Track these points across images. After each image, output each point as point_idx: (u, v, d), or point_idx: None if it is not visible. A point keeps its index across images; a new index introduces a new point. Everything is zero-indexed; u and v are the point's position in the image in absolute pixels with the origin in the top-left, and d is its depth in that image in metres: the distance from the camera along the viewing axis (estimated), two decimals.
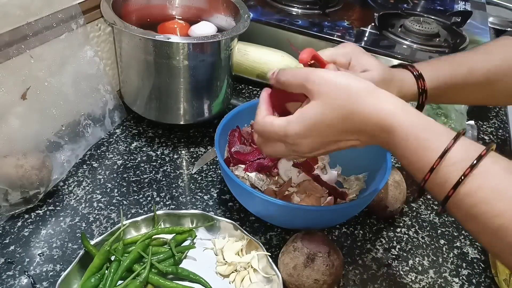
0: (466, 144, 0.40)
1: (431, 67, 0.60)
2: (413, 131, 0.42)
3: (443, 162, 0.40)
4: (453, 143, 0.40)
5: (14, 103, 0.62)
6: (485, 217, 0.37)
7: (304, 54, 0.49)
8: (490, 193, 0.37)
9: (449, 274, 0.63)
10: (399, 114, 0.42)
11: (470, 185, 0.38)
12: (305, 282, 0.54)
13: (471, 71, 0.60)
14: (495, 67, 0.60)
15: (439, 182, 0.40)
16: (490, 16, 1.22)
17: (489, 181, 0.38)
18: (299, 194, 0.64)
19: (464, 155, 0.39)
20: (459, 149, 0.40)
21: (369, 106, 0.43)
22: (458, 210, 0.40)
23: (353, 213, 0.65)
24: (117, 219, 0.65)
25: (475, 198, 0.38)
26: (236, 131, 0.69)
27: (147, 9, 0.85)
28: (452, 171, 0.39)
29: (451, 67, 0.60)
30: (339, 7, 1.11)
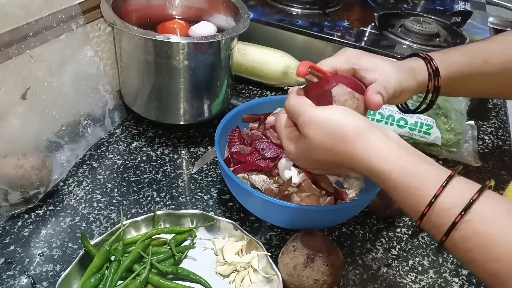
0: (458, 187, 0.39)
1: (444, 56, 0.58)
2: (403, 179, 0.41)
3: (433, 210, 0.39)
4: (442, 190, 0.39)
5: (14, 103, 0.62)
6: (481, 262, 0.37)
7: (301, 67, 0.49)
8: (485, 239, 0.36)
9: (449, 274, 0.63)
10: (389, 161, 0.42)
11: (465, 231, 0.37)
12: (305, 282, 0.54)
13: (486, 61, 0.58)
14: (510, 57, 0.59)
15: (432, 227, 0.40)
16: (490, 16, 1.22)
17: (482, 227, 0.37)
18: (299, 194, 0.63)
19: (454, 201, 0.38)
20: (450, 194, 0.39)
21: (358, 151, 0.43)
22: (455, 253, 0.40)
23: (353, 213, 0.65)
24: (117, 219, 0.65)
25: (471, 244, 0.37)
26: (236, 131, 0.69)
27: (147, 9, 0.85)
28: (442, 217, 0.38)
29: (466, 57, 0.59)
30: (339, 7, 1.11)
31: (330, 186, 0.64)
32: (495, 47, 0.60)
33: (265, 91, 0.97)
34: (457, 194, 0.39)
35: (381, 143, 0.43)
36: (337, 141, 0.44)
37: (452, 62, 0.57)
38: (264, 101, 0.73)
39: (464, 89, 0.62)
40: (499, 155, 0.85)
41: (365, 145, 0.43)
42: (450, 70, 0.57)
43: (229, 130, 0.69)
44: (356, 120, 0.45)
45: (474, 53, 0.59)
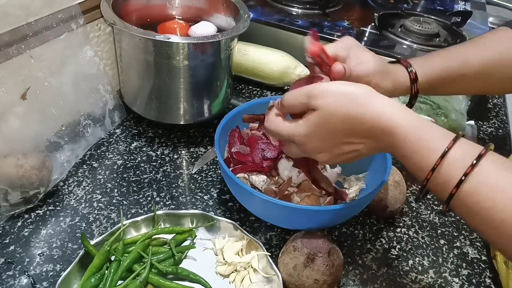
0: (465, 145, 0.42)
1: (423, 60, 0.61)
2: (414, 132, 0.43)
3: (444, 161, 0.41)
4: (453, 144, 0.41)
5: (14, 103, 0.62)
6: (488, 212, 0.39)
7: (315, 47, 0.51)
8: (491, 190, 0.39)
9: (449, 274, 0.63)
10: (399, 116, 0.44)
11: (472, 183, 0.40)
12: (305, 282, 0.54)
13: (464, 64, 0.61)
14: (489, 59, 0.61)
15: (441, 181, 0.42)
16: (490, 16, 1.22)
17: (490, 179, 0.39)
18: (299, 194, 0.64)
19: (464, 155, 0.41)
20: (459, 149, 0.41)
21: (370, 110, 0.45)
22: (462, 208, 0.41)
23: (353, 213, 0.65)
24: (117, 219, 0.65)
25: (478, 195, 0.39)
26: (236, 131, 0.69)
27: (147, 9, 0.85)
28: (453, 169, 0.41)
29: (444, 60, 0.61)
30: (339, 7, 1.11)
31: (330, 186, 0.64)
32: (473, 49, 0.63)
33: (265, 91, 0.97)
34: (464, 150, 0.41)
35: (389, 103, 0.45)
36: (350, 103, 0.45)
37: (431, 67, 0.60)
38: (264, 101, 0.73)
39: (446, 90, 0.64)
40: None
41: (376, 103, 0.45)
42: (428, 74, 0.60)
43: (229, 130, 0.69)
44: (361, 85, 0.47)
45: (453, 57, 0.62)
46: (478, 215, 0.40)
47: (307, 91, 0.48)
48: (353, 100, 0.45)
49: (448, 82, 0.61)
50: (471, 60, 0.61)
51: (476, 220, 0.41)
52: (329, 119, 0.46)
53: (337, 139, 0.48)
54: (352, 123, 0.46)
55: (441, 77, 0.60)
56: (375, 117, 0.44)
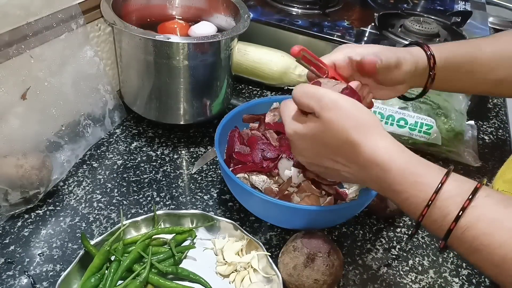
0: (458, 179, 0.42)
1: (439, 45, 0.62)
2: (408, 167, 0.43)
3: (439, 196, 0.41)
4: (446, 178, 0.41)
5: (14, 103, 0.62)
6: (488, 249, 0.38)
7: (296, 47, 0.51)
8: (490, 225, 0.38)
9: (449, 274, 0.63)
10: (395, 151, 0.44)
11: (470, 218, 0.39)
12: (305, 282, 0.54)
13: (479, 50, 0.61)
14: (504, 52, 0.62)
15: (438, 217, 0.41)
16: (490, 16, 1.22)
17: (488, 213, 0.39)
18: (299, 194, 0.64)
19: (459, 189, 0.40)
20: (453, 184, 0.41)
21: (370, 141, 0.44)
22: (460, 244, 0.40)
23: (353, 213, 0.65)
24: (117, 219, 0.65)
25: (476, 230, 0.38)
26: (236, 131, 0.69)
27: (147, 9, 0.85)
28: (450, 204, 0.40)
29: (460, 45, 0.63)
30: (339, 7, 1.11)
31: (330, 187, 0.64)
32: (490, 40, 0.65)
33: (265, 91, 0.97)
34: (458, 184, 0.41)
35: (389, 139, 0.45)
36: (353, 128, 0.45)
37: (447, 48, 0.61)
38: (264, 101, 0.73)
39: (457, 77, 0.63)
40: (499, 155, 0.85)
41: (375, 137, 0.45)
42: (444, 53, 0.59)
43: (229, 130, 0.69)
44: (371, 114, 0.47)
45: (469, 43, 0.64)
46: (478, 251, 0.39)
47: (320, 96, 0.46)
48: (358, 127, 0.45)
49: (461, 65, 0.61)
50: (485, 48, 0.62)
51: (476, 256, 0.40)
52: (327, 133, 0.46)
53: (323, 153, 0.48)
54: (347, 146, 0.45)
55: (455, 58, 0.60)
56: (373, 147, 0.44)
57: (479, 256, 0.39)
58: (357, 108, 0.46)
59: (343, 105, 0.45)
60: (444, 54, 0.59)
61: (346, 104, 0.46)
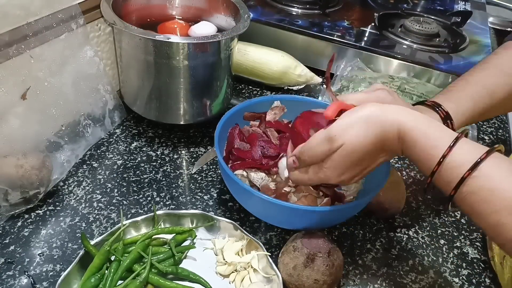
0: (467, 148, 0.44)
1: (453, 104, 0.60)
2: (424, 136, 0.45)
3: (443, 166, 0.43)
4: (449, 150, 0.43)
5: (14, 103, 0.62)
6: (484, 214, 0.42)
7: (330, 111, 0.50)
8: (488, 193, 0.41)
9: (449, 274, 0.63)
10: (415, 120, 0.46)
11: (471, 186, 0.42)
12: (305, 282, 0.54)
13: (492, 95, 0.62)
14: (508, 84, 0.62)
15: (443, 182, 0.45)
16: (490, 16, 1.22)
17: (488, 183, 0.41)
18: (296, 194, 0.64)
19: (465, 159, 0.42)
20: (460, 153, 0.43)
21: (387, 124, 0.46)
22: (462, 206, 0.44)
23: (351, 214, 0.65)
24: (117, 219, 0.65)
25: (476, 197, 0.42)
26: (237, 128, 0.69)
27: (147, 9, 0.85)
28: (453, 173, 0.43)
29: (474, 102, 0.61)
30: (339, 7, 1.11)
31: (329, 189, 0.64)
32: (496, 77, 0.63)
33: (265, 91, 0.97)
34: (465, 154, 0.43)
35: (397, 108, 0.47)
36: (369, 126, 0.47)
37: (462, 111, 0.60)
38: (265, 100, 0.73)
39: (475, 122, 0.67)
40: None
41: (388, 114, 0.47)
42: (460, 120, 0.60)
43: (229, 128, 0.69)
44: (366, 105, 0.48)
45: (481, 94, 0.62)
46: (477, 215, 0.43)
47: (326, 135, 0.49)
48: (370, 121, 0.47)
49: (474, 118, 0.62)
50: (496, 90, 0.62)
51: (475, 219, 0.44)
52: (355, 152, 0.48)
53: (363, 165, 0.50)
54: (376, 143, 0.47)
55: (472, 118, 0.62)
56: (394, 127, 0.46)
57: (478, 219, 0.43)
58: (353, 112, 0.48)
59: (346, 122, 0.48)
60: (460, 121, 0.60)
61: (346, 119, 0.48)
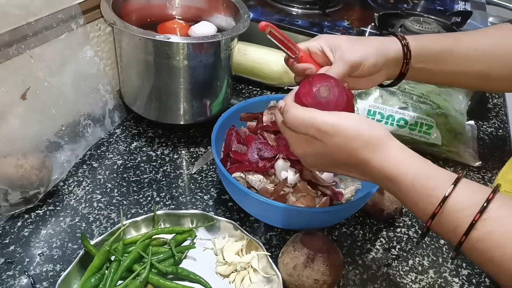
0: (470, 188, 0.41)
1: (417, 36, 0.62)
2: (418, 179, 0.42)
3: (446, 208, 0.40)
4: (452, 190, 0.40)
5: (14, 103, 0.62)
6: (500, 260, 0.38)
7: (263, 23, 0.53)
8: (502, 236, 0.38)
9: (449, 274, 0.63)
10: (404, 165, 0.43)
11: (482, 230, 0.38)
12: (305, 282, 0.54)
13: (458, 41, 0.61)
14: (482, 45, 0.61)
15: (448, 230, 0.41)
16: (490, 16, 1.22)
17: (501, 225, 0.38)
18: (295, 194, 0.64)
19: (470, 200, 0.39)
20: (464, 194, 0.40)
21: (377, 159, 0.44)
22: (472, 254, 0.40)
23: (348, 214, 0.65)
24: (117, 219, 0.65)
25: (488, 243, 0.38)
26: (233, 130, 0.69)
27: (147, 9, 0.85)
28: (459, 217, 0.39)
29: (439, 36, 0.63)
30: (339, 7, 1.11)
31: (327, 188, 0.64)
32: (472, 33, 0.64)
33: (265, 91, 0.97)
34: (469, 195, 0.40)
35: (398, 149, 0.44)
36: (360, 147, 0.44)
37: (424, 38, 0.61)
38: (262, 100, 0.73)
39: (436, 69, 0.62)
40: (499, 155, 0.85)
41: (383, 153, 0.44)
42: (420, 42, 0.59)
43: (226, 129, 0.69)
44: (374, 127, 0.45)
45: (450, 35, 0.64)
46: (491, 262, 0.39)
47: (318, 125, 0.45)
48: (365, 146, 0.44)
49: (438, 57, 0.60)
50: (463, 40, 0.61)
51: (489, 266, 0.39)
52: (335, 154, 0.46)
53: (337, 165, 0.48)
54: (358, 163, 0.45)
55: (433, 49, 0.60)
56: (382, 163, 0.44)
57: (491, 266, 0.39)
58: (360, 125, 0.45)
59: (346, 128, 0.45)
60: (420, 44, 0.59)
61: (348, 125, 0.45)
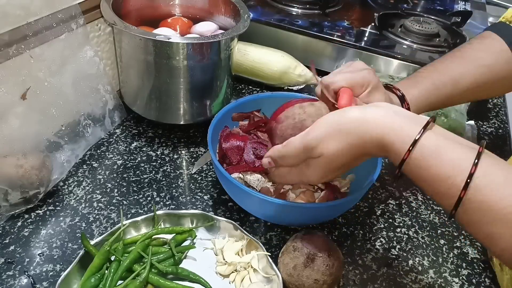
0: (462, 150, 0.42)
1: (414, 88, 0.61)
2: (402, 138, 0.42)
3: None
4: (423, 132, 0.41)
5: (14, 103, 0.62)
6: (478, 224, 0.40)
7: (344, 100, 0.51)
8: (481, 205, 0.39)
9: (449, 274, 0.63)
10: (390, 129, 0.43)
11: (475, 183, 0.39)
12: (305, 282, 0.54)
13: (454, 84, 0.61)
14: (479, 76, 0.61)
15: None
16: (490, 16, 1.22)
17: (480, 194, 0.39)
18: (294, 191, 0.64)
19: None
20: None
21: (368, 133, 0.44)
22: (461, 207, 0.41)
23: (348, 207, 0.65)
24: (117, 219, 0.65)
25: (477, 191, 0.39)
26: (226, 131, 0.69)
27: (147, 9, 0.85)
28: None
29: (435, 87, 0.61)
30: (339, 7, 1.11)
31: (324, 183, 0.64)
32: (461, 66, 0.62)
33: (265, 91, 0.97)
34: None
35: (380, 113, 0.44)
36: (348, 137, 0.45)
37: (418, 92, 0.60)
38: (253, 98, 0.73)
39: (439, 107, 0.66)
40: (499, 155, 0.84)
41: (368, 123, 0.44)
42: (417, 99, 0.60)
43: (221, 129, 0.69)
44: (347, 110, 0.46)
45: (442, 78, 0.61)
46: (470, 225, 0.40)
47: (304, 145, 0.47)
48: (350, 131, 0.45)
49: (438, 104, 0.62)
50: (461, 80, 0.61)
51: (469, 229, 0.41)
52: (334, 162, 0.47)
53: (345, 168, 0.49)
54: (356, 151, 0.46)
55: (430, 101, 0.61)
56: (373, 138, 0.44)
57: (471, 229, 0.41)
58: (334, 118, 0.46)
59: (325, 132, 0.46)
60: (420, 104, 0.60)
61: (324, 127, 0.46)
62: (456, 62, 0.63)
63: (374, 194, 0.75)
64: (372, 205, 0.72)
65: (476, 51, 0.64)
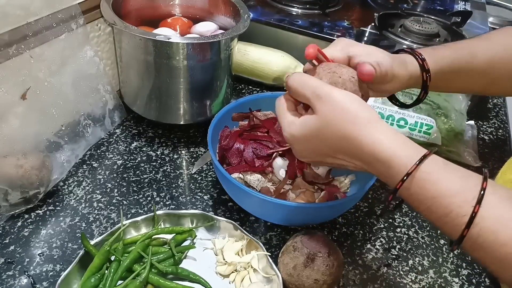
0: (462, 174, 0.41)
1: (433, 51, 0.59)
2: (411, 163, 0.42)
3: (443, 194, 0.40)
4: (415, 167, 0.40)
5: (14, 103, 0.62)
6: (491, 246, 0.38)
7: (310, 49, 0.49)
8: (494, 223, 0.38)
9: (449, 274, 0.63)
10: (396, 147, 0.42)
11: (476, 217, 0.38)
12: (305, 282, 0.54)
13: (473, 56, 0.60)
14: (497, 54, 0.61)
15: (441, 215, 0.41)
16: (490, 16, 1.22)
17: (492, 211, 0.38)
18: (294, 191, 0.64)
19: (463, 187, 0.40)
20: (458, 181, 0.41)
21: (368, 136, 0.43)
22: (464, 242, 0.40)
23: (348, 207, 0.65)
24: (117, 219, 0.65)
25: (480, 229, 0.38)
26: (226, 131, 0.69)
27: (147, 9, 0.85)
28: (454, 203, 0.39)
29: (454, 51, 0.60)
30: (339, 7, 1.11)
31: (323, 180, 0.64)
32: (481, 43, 0.62)
33: (265, 91, 0.97)
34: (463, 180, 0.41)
35: (390, 132, 0.44)
36: (348, 123, 0.44)
37: (441, 57, 0.59)
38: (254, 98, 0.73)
39: (452, 84, 0.63)
40: (499, 155, 0.85)
41: (374, 132, 0.43)
42: (439, 63, 0.58)
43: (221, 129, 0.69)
44: (367, 109, 0.45)
45: (463, 48, 0.61)
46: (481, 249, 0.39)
47: (315, 87, 0.45)
48: (354, 121, 0.43)
49: (455, 74, 0.60)
50: (479, 53, 0.60)
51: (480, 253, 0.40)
52: (324, 129, 0.45)
53: (324, 151, 0.47)
54: (346, 142, 0.44)
55: (449, 67, 0.59)
56: (371, 143, 0.43)
57: (483, 253, 0.39)
58: (352, 101, 0.44)
59: (338, 98, 0.44)
60: (439, 64, 0.58)
61: (340, 97, 0.44)
62: (475, 40, 0.63)
63: (374, 194, 0.75)
64: (372, 205, 0.72)
65: (494, 34, 0.64)
